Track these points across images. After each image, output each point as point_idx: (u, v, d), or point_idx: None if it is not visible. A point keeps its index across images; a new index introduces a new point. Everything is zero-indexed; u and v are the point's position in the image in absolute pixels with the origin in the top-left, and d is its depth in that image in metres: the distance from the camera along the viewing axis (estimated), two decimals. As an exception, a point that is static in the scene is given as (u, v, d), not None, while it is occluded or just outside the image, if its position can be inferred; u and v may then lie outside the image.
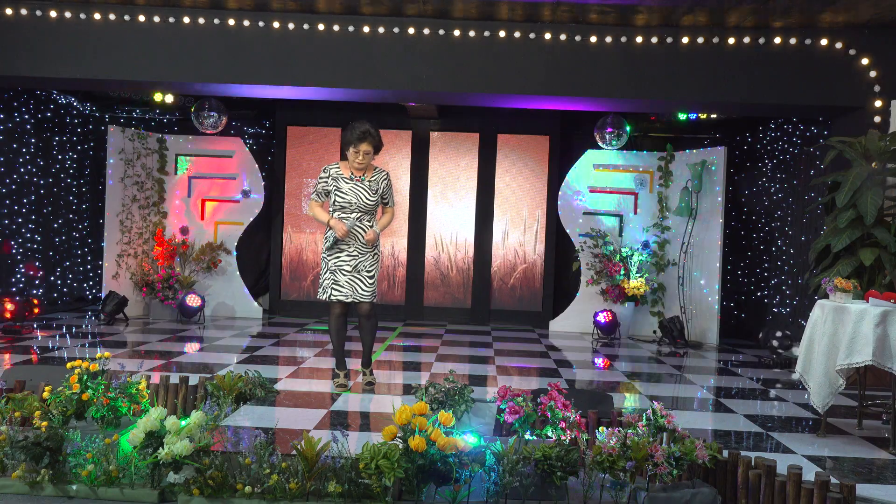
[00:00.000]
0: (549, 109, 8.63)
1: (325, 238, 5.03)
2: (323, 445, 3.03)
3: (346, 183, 4.99)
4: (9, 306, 7.71)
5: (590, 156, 9.01)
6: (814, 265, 6.11)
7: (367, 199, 4.97)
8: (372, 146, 4.96)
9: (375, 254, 5.05)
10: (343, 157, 5.13)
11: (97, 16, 6.98)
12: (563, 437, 3.42)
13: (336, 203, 4.98)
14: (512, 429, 3.74)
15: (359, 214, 4.96)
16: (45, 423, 3.43)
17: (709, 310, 8.40)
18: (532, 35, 6.98)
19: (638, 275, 8.56)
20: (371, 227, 5.00)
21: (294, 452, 3.05)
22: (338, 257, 4.97)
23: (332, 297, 4.98)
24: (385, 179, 5.08)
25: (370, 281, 4.99)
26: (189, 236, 8.87)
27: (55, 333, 7.23)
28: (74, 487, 3.02)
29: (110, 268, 8.52)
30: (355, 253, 4.96)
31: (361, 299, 4.98)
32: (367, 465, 2.89)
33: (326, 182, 5.03)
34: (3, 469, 3.09)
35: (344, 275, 4.96)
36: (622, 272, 8.54)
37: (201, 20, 7.01)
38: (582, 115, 8.99)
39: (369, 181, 5.01)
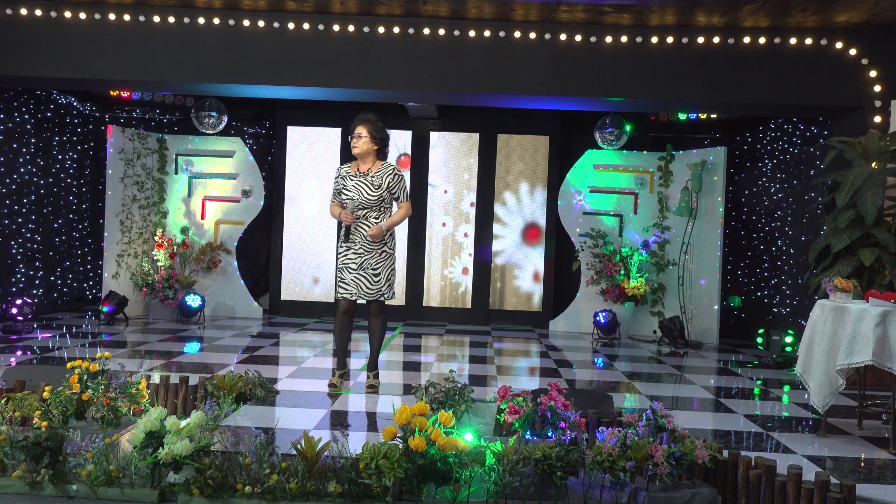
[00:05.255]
0: (549, 109, 8.63)
1: (340, 237, 5.06)
2: (323, 445, 3.03)
3: (352, 180, 5.01)
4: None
5: (590, 156, 9.01)
6: (814, 265, 6.11)
7: (367, 193, 4.94)
8: (367, 130, 4.97)
9: (383, 251, 4.99)
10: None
11: (97, 16, 6.98)
12: (563, 437, 3.42)
13: (343, 201, 5.02)
14: (512, 429, 3.74)
15: (364, 211, 4.95)
16: (45, 423, 3.43)
17: (709, 310, 8.40)
18: (532, 35, 6.98)
19: (638, 275, 8.56)
20: (378, 223, 4.95)
21: (294, 452, 3.05)
22: (345, 255, 5.00)
23: (337, 295, 5.01)
24: (390, 174, 4.99)
25: (375, 279, 4.96)
26: (189, 236, 8.86)
27: (55, 333, 7.23)
28: (74, 487, 3.02)
29: (110, 268, 8.52)
30: (361, 251, 4.96)
31: (366, 297, 4.97)
32: (367, 465, 2.89)
33: (337, 181, 5.08)
34: (3, 469, 3.09)
35: (350, 272, 4.97)
36: (622, 272, 8.54)
37: (201, 20, 7.01)
38: (582, 115, 8.99)
39: (372, 176, 4.99)
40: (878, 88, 6.76)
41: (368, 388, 5.15)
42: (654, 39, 6.96)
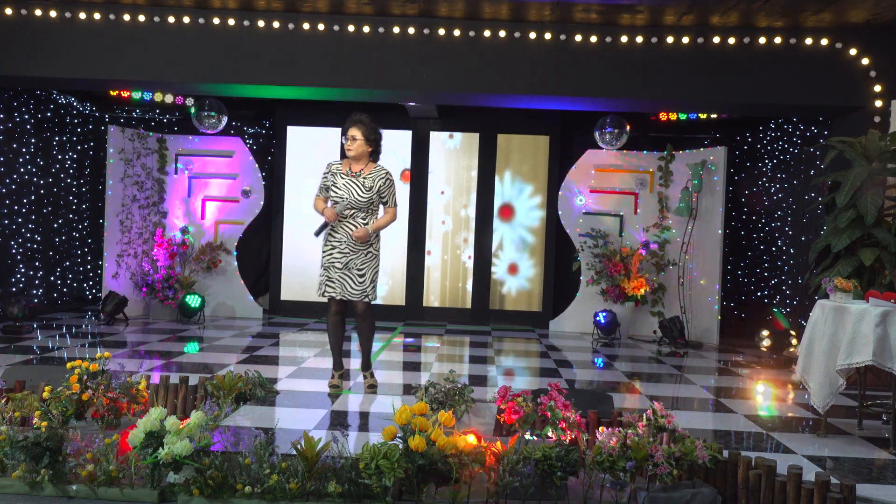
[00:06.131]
0: (549, 109, 8.63)
1: (325, 234, 5.02)
2: (323, 445, 3.03)
3: (343, 178, 4.99)
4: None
5: (590, 156, 9.00)
6: (814, 265, 6.11)
7: (358, 194, 4.93)
8: (361, 132, 4.95)
9: (369, 252, 4.97)
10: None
11: (97, 16, 6.98)
12: (563, 437, 3.42)
13: (331, 199, 5.01)
14: (512, 429, 3.74)
15: (352, 211, 4.94)
16: (45, 423, 3.43)
17: (709, 310, 8.40)
18: (532, 35, 6.98)
19: (638, 275, 8.55)
20: (365, 225, 4.95)
21: (294, 452, 3.05)
22: (330, 254, 4.98)
23: (324, 294, 5.00)
24: (383, 178, 4.98)
25: (360, 279, 4.94)
26: (189, 236, 8.86)
27: (55, 333, 7.23)
28: (74, 487, 3.02)
29: (110, 268, 8.52)
30: (346, 250, 4.94)
31: (351, 297, 4.96)
32: (367, 465, 2.89)
33: (326, 177, 5.05)
34: (3, 469, 3.09)
35: (336, 271, 4.96)
36: (622, 272, 8.54)
37: (201, 20, 7.01)
38: (582, 115, 8.99)
39: (364, 177, 4.98)
40: (878, 88, 6.76)
41: (368, 387, 5.15)
42: (654, 40, 6.95)
